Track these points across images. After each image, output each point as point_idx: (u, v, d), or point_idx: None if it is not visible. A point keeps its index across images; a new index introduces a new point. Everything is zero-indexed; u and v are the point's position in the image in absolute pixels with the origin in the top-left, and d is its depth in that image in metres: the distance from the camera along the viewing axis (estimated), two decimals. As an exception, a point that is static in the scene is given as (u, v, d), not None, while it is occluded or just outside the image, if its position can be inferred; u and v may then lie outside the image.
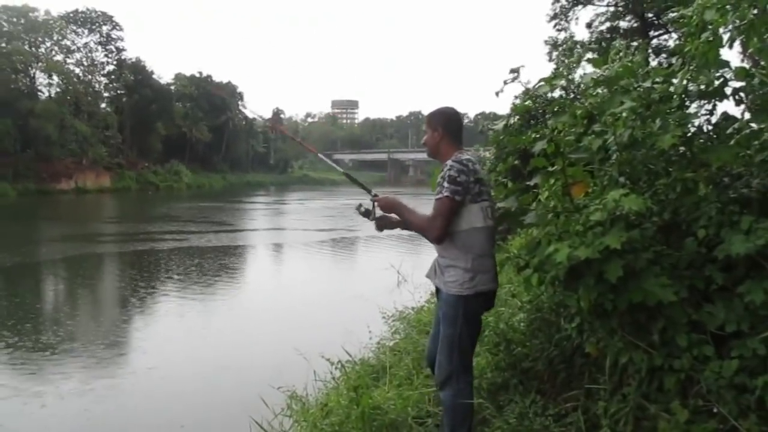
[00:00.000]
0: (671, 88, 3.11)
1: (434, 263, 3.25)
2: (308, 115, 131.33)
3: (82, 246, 21.14)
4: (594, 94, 3.49)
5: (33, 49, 57.96)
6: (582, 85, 4.10)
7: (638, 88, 3.03)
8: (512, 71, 3.03)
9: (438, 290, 3.25)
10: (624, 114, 3.07)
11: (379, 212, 3.34)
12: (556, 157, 3.17)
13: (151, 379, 8.03)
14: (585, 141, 3.23)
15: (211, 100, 79.56)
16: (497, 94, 3.14)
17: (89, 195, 53.07)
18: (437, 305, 3.33)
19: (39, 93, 58.28)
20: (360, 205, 3.39)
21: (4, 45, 53.98)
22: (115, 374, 8.39)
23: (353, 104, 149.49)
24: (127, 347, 9.87)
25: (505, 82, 3.07)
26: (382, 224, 3.38)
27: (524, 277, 3.07)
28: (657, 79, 3.09)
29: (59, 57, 61.45)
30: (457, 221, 3.04)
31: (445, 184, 3.00)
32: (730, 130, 3.12)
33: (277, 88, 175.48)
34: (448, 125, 3.25)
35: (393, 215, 3.34)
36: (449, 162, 3.06)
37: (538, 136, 3.18)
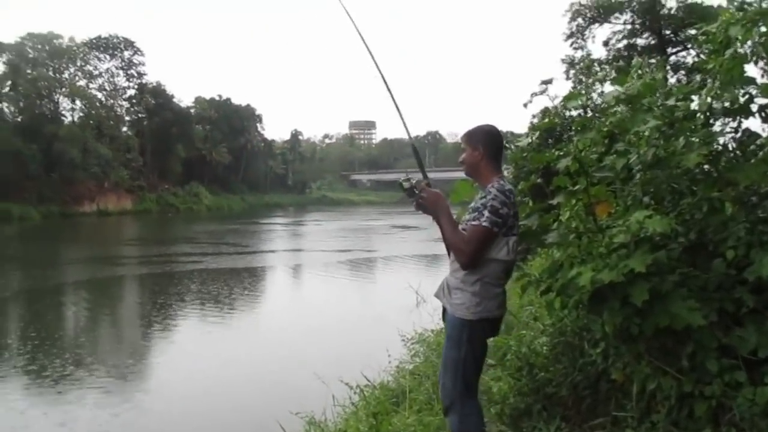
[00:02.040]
0: (695, 106, 3.05)
1: (444, 282, 3.15)
2: (326, 136, 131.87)
3: (103, 268, 21.35)
4: (614, 112, 3.44)
5: (57, 75, 59.25)
6: (603, 104, 4.05)
7: (661, 106, 2.98)
8: (543, 83, 3.00)
9: (444, 311, 3.17)
10: (647, 132, 3.01)
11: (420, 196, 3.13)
12: (580, 175, 3.11)
13: (169, 403, 8.00)
14: (607, 160, 3.17)
15: (231, 122, 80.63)
16: (525, 105, 3.11)
17: (111, 217, 53.73)
18: (444, 326, 3.25)
19: (63, 117, 59.48)
20: (408, 179, 3.17)
21: (29, 71, 55.26)
22: (134, 398, 8.37)
23: (371, 125, 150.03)
24: (146, 371, 9.87)
25: (534, 95, 3.04)
26: (422, 208, 3.13)
27: (547, 301, 2.99)
28: (679, 97, 3.04)
29: (82, 82, 62.75)
30: None
31: (486, 213, 2.87)
32: (752, 147, 3.05)
33: (295, 109, 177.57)
34: (489, 144, 3.11)
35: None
36: (494, 190, 2.92)
37: (561, 153, 3.12)
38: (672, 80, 21.56)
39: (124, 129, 66.63)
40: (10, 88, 55.86)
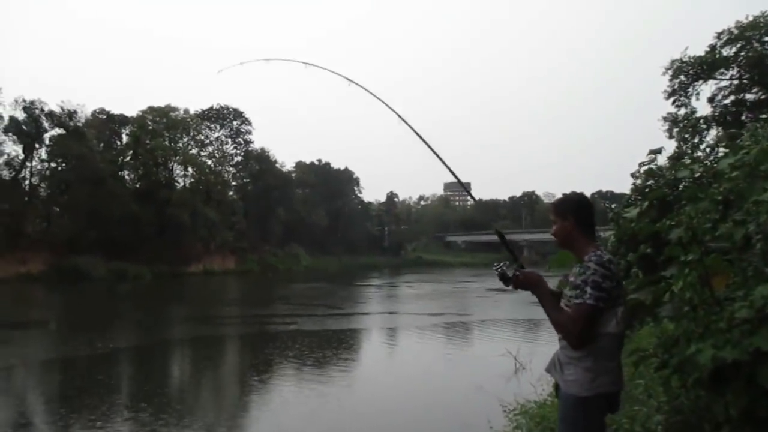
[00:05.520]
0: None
1: (555, 357, 3.01)
2: (421, 198, 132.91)
3: (206, 328, 22.26)
4: (729, 178, 3.29)
5: (172, 144, 63.82)
6: (714, 165, 3.89)
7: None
8: (651, 152, 2.93)
9: (558, 387, 3.03)
10: (767, 199, 2.86)
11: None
12: (692, 245, 2.97)
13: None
14: (723, 228, 3.02)
15: (329, 185, 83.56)
16: (633, 175, 3.03)
17: (215, 277, 56.20)
18: (558, 403, 3.11)
19: (176, 183, 63.65)
20: (502, 265, 3.11)
21: (148, 141, 59.95)
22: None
23: (466, 186, 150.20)
24: (244, 427, 10.10)
25: (642, 164, 2.98)
26: (521, 287, 3.06)
27: (662, 377, 2.83)
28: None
29: (194, 150, 67.12)
30: None
31: (589, 290, 2.74)
32: None
33: (391, 171, 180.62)
34: (579, 214, 3.00)
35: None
36: (593, 265, 2.79)
37: (673, 223, 3.00)
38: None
39: (230, 193, 70.30)
40: (131, 157, 60.83)
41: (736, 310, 2.51)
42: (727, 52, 23.68)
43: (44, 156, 54.13)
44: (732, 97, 24.80)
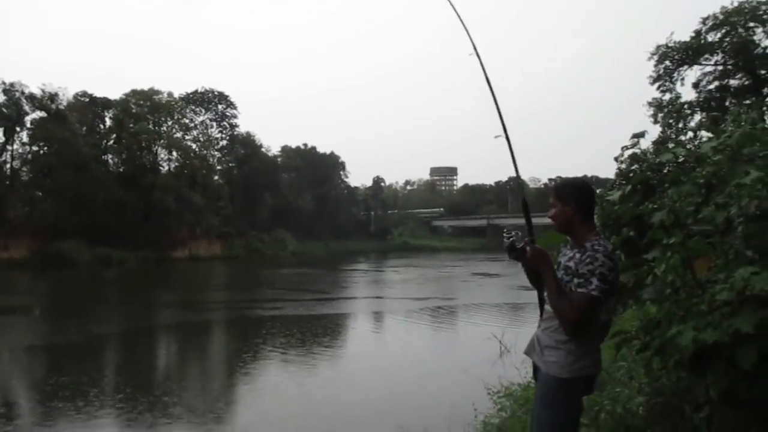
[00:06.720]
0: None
1: (534, 338, 3.01)
2: (407, 182, 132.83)
3: (191, 313, 22.17)
4: (712, 161, 3.30)
5: (156, 127, 63.13)
6: (698, 150, 3.90)
7: (763, 156, 2.84)
8: (634, 136, 2.93)
9: (536, 368, 3.03)
10: (748, 183, 2.87)
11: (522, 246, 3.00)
12: (675, 228, 2.98)
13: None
14: (705, 212, 3.03)
15: (315, 170, 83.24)
16: (617, 159, 3.04)
17: (201, 262, 55.84)
18: (536, 384, 3.11)
19: (160, 168, 63.03)
20: (512, 235, 3.05)
21: (132, 125, 59.26)
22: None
23: (452, 171, 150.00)
24: (229, 414, 10.10)
25: (624, 148, 2.98)
26: (518, 258, 3.03)
27: (644, 359, 2.85)
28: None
29: (179, 134, 66.44)
30: None
31: (594, 281, 2.72)
32: None
33: (377, 156, 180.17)
34: (581, 199, 2.95)
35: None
36: (601, 256, 2.76)
37: (656, 206, 3.00)
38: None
39: (216, 178, 69.77)
40: (115, 140, 60.15)
41: (717, 292, 2.53)
42: (712, 37, 23.76)
43: (25, 139, 53.44)
44: (716, 83, 24.92)
